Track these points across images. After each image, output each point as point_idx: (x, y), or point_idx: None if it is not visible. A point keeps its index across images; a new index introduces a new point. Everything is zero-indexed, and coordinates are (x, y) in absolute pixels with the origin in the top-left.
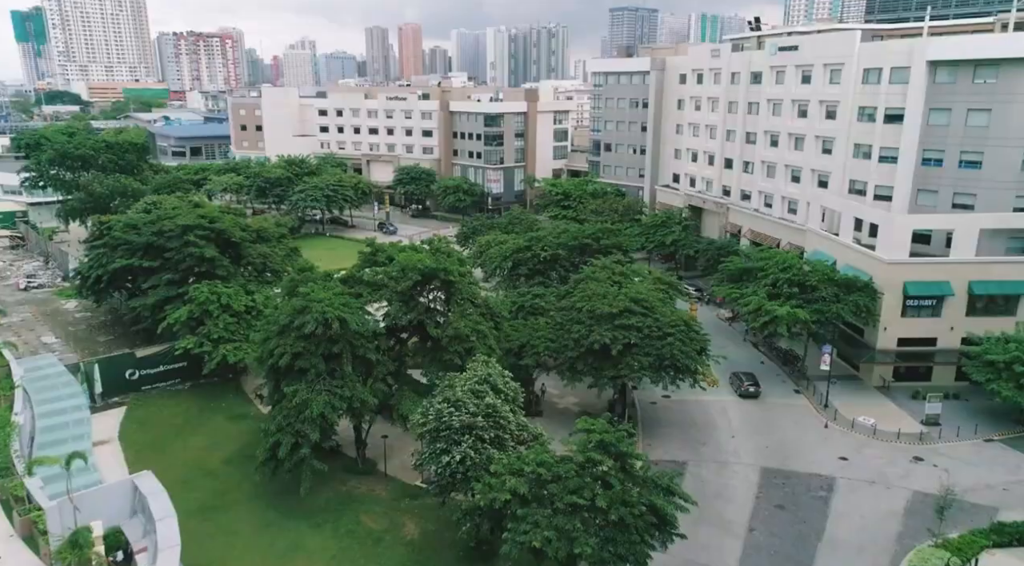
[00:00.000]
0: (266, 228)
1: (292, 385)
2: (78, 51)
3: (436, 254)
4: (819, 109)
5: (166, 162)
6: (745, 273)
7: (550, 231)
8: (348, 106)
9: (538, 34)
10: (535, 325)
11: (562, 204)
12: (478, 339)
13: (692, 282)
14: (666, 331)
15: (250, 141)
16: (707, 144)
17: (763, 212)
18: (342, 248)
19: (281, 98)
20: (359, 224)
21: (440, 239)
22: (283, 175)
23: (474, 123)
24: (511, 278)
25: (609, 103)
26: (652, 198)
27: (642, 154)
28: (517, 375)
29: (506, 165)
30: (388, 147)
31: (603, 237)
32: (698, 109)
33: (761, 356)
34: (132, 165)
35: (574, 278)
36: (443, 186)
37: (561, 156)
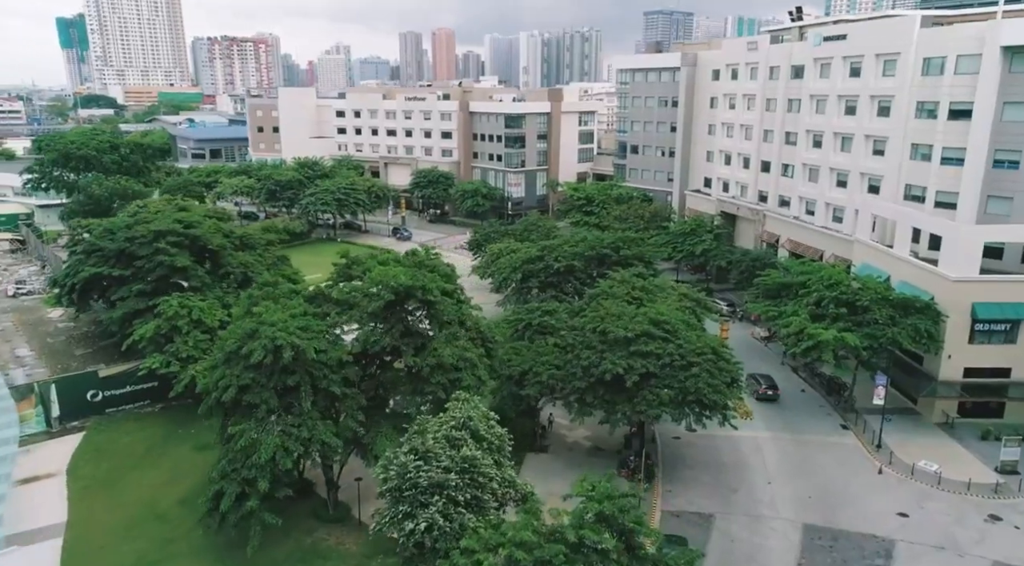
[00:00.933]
0: (250, 234)
1: (239, 424)
2: (115, 56)
3: (418, 268)
4: (870, 105)
5: (185, 164)
6: (784, 288)
7: (567, 239)
8: (366, 107)
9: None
10: (540, 348)
11: (584, 210)
12: (466, 369)
13: (724, 296)
14: (690, 360)
15: (267, 143)
16: (742, 145)
17: (804, 220)
18: None
19: (298, 99)
20: (373, 229)
21: (428, 250)
22: (294, 178)
23: (494, 124)
24: (521, 291)
25: (636, 102)
26: (681, 204)
27: (671, 157)
28: (518, 405)
29: (528, 168)
30: (406, 149)
31: (623, 247)
32: (732, 107)
33: (801, 383)
34: (138, 166)
35: (589, 293)
36: (461, 190)
37: (586, 159)
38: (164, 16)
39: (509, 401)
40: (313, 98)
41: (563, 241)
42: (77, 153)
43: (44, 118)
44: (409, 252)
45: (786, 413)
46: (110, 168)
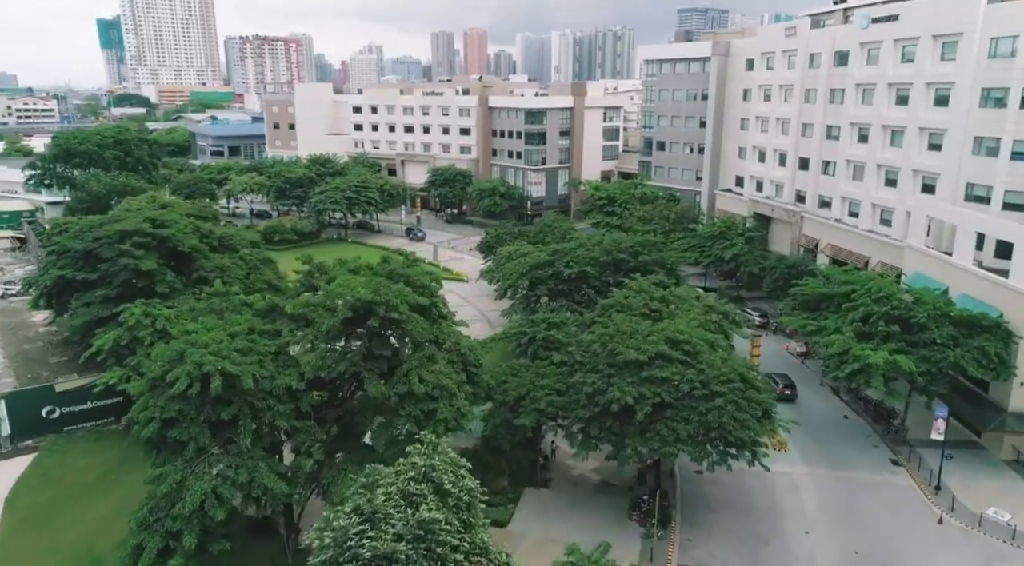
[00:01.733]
0: (231, 235)
1: (164, 464)
2: (149, 56)
3: (389, 278)
4: (925, 93)
5: (204, 161)
6: (824, 300)
7: (582, 243)
8: (383, 102)
9: (604, 37)
10: (541, 368)
11: (605, 210)
12: (442, 399)
13: (756, 305)
14: (714, 389)
15: (283, 140)
16: (778, 141)
17: (847, 223)
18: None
19: (315, 95)
20: (387, 229)
21: (407, 256)
22: (305, 175)
23: (514, 120)
24: (528, 299)
25: (663, 95)
26: (710, 205)
27: (700, 153)
28: (512, 436)
29: (548, 166)
30: (424, 146)
31: (642, 251)
32: (768, 99)
33: (843, 407)
34: (142, 162)
35: (601, 304)
36: (478, 189)
37: (611, 157)
38: (197, 16)
39: (503, 430)
40: (330, 94)
41: (577, 244)
42: (79, 148)
43: (76, 117)
44: (383, 259)
45: (826, 443)
46: (112, 164)
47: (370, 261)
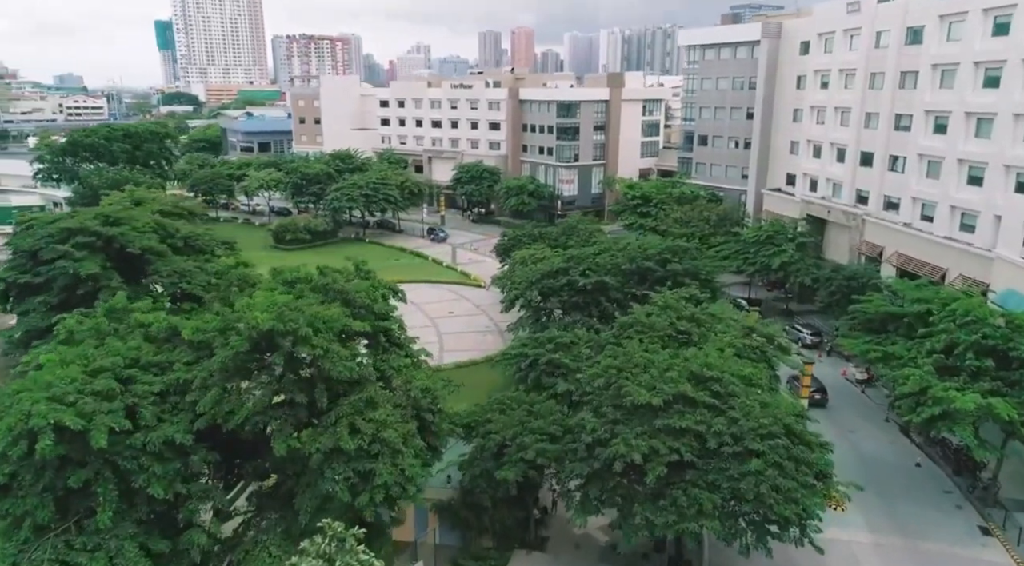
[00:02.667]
0: (198, 235)
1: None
2: (198, 55)
3: (324, 294)
4: (1022, 72)
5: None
6: (892, 320)
7: (607, 247)
8: (410, 96)
9: (653, 34)
10: (536, 404)
11: (639, 211)
12: (383, 457)
13: (808, 321)
14: (751, 446)
15: (309, 135)
16: (836, 133)
17: (919, 228)
18: (374, 258)
19: (341, 88)
20: (408, 229)
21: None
22: (322, 171)
23: (546, 114)
24: (538, 313)
25: (706, 85)
26: (757, 205)
27: (746, 149)
28: (495, 491)
29: (581, 164)
30: (451, 142)
31: (672, 259)
32: (825, 86)
33: (915, 451)
34: (153, 157)
35: (620, 321)
36: (505, 187)
37: (651, 153)
38: (245, 15)
39: (483, 482)
40: (357, 87)
41: (598, 250)
42: (85, 141)
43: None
44: (321, 268)
45: (894, 501)
46: (120, 158)
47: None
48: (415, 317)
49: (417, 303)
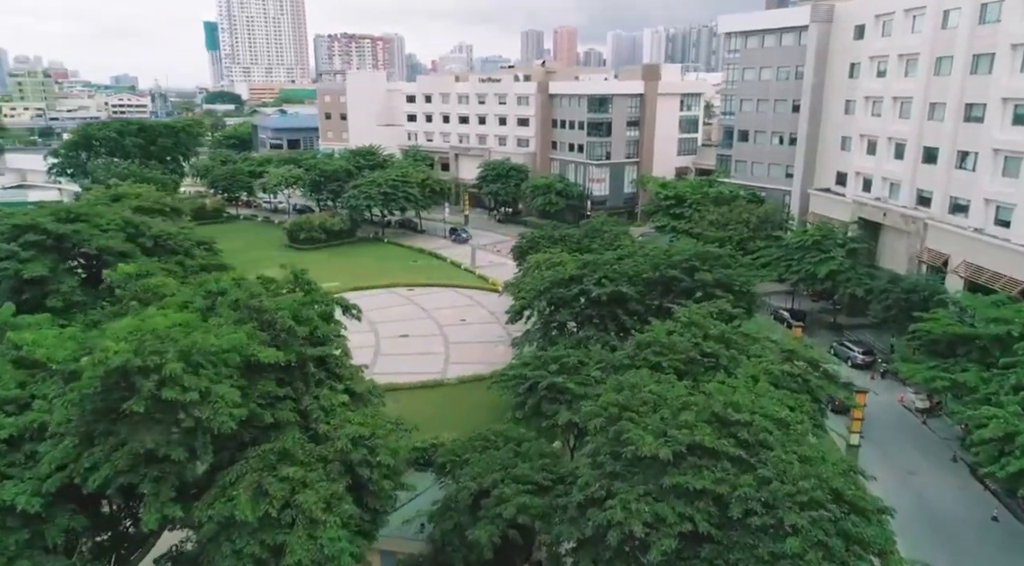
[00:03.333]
0: (171, 234)
1: None
2: (242, 55)
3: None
4: None
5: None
6: (962, 342)
7: (631, 251)
8: (437, 91)
9: (698, 33)
10: (525, 442)
11: (672, 212)
12: (297, 529)
13: (859, 336)
14: (785, 518)
15: (335, 132)
16: (895, 126)
17: (992, 234)
18: (389, 259)
19: (367, 83)
20: (430, 229)
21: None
22: (341, 168)
23: (576, 108)
24: (547, 326)
25: (748, 75)
26: (803, 207)
27: (791, 145)
28: (467, 553)
29: (613, 161)
30: (479, 139)
31: (701, 267)
32: (882, 74)
33: (990, 500)
34: (167, 152)
35: (635, 341)
36: (532, 185)
37: (688, 151)
38: (288, 15)
39: (456, 539)
40: (383, 82)
41: (621, 254)
42: (97, 135)
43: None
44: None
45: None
46: (132, 152)
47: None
48: (424, 324)
49: (428, 309)
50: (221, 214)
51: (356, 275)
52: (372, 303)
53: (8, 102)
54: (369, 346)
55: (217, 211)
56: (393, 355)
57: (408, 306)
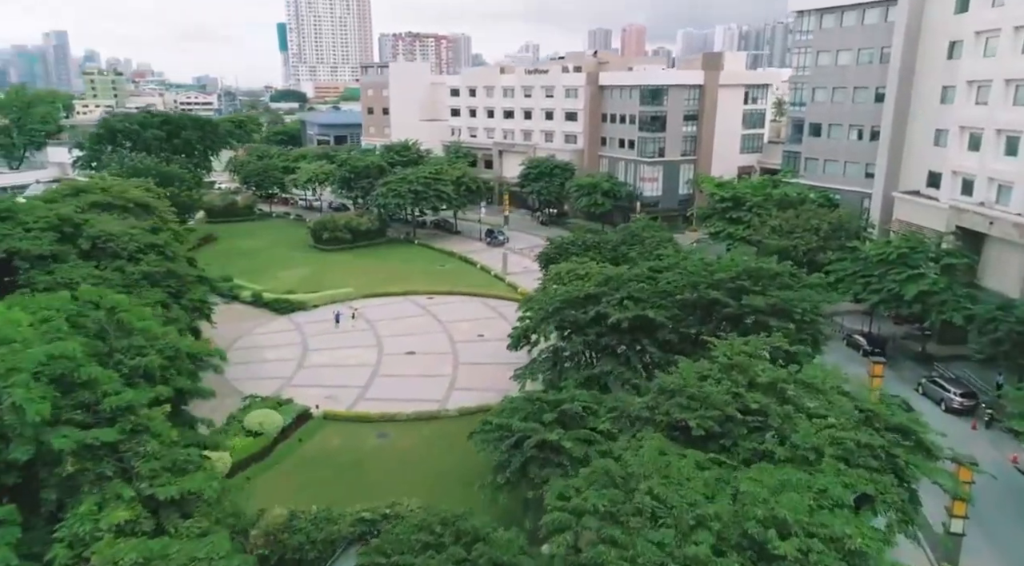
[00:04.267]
0: (115, 235)
1: None
2: (309, 54)
3: None
4: None
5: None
6: None
7: (670, 263)
8: (482, 84)
9: (772, 30)
10: (480, 538)
11: (729, 216)
12: None
13: (954, 372)
14: None
15: (377, 127)
16: (1006, 116)
17: None
18: (418, 263)
19: (410, 75)
20: (466, 230)
21: (114, 307)
22: (373, 164)
23: (627, 101)
24: (557, 355)
25: (823, 60)
26: (885, 212)
27: (872, 140)
28: None
29: (667, 159)
30: (524, 134)
31: (751, 287)
32: (992, 54)
33: None
34: (193, 145)
35: (656, 384)
36: (576, 185)
37: (753, 149)
38: (354, 15)
39: None
40: (427, 75)
41: (655, 267)
42: (119, 127)
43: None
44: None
45: None
46: (153, 145)
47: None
48: (435, 340)
49: (444, 321)
50: (253, 211)
51: (376, 279)
52: (384, 313)
53: (80, 100)
54: (368, 365)
55: (248, 208)
56: (393, 377)
57: (422, 317)
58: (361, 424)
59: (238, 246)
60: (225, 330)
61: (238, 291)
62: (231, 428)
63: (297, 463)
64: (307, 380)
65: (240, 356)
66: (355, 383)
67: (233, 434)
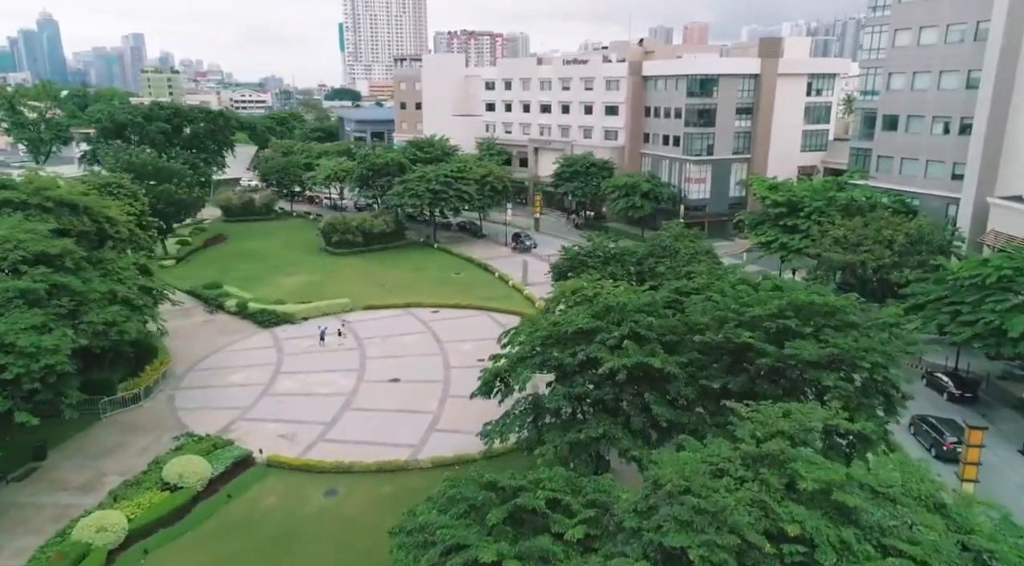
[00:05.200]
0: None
1: None
2: (365, 52)
3: None
4: None
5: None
6: None
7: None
8: (518, 76)
9: (843, 26)
10: None
11: (782, 223)
12: None
13: None
14: None
15: (409, 123)
16: None
17: None
18: (430, 269)
19: (444, 68)
20: (493, 233)
21: None
22: (392, 160)
23: (673, 93)
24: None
25: (901, 39)
26: (977, 223)
27: (962, 134)
28: None
29: (717, 157)
30: (561, 130)
31: (799, 324)
32: None
33: None
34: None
35: (651, 477)
36: (612, 185)
37: (816, 146)
38: (410, 13)
39: None
40: (461, 67)
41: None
42: (123, 120)
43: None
44: None
45: None
46: (157, 139)
47: None
48: (428, 364)
49: (444, 340)
50: (272, 210)
51: (381, 288)
52: (377, 329)
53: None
54: (341, 394)
55: (267, 207)
56: (365, 411)
57: (419, 335)
58: (309, 475)
59: (247, 247)
60: (195, 347)
61: (223, 300)
62: (148, 478)
63: (214, 531)
64: (266, 412)
65: (200, 379)
66: (320, 418)
67: (147, 487)
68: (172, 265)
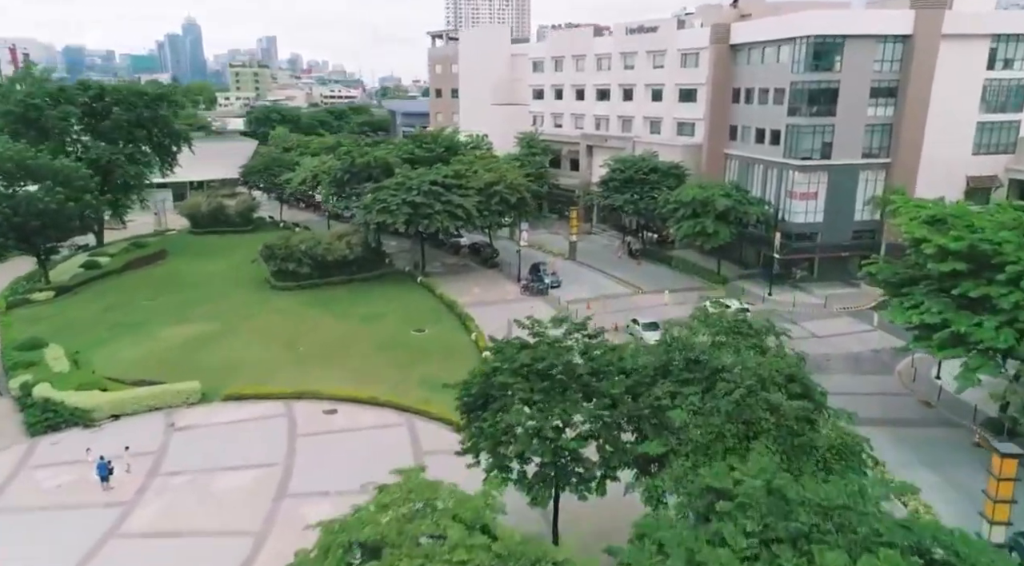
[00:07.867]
0: None
1: None
2: None
3: None
4: None
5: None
6: None
7: None
8: (570, 52)
9: None
10: None
11: (946, 286)
12: None
13: None
14: None
15: (445, 113)
16: None
17: None
18: (388, 319)
19: (485, 45)
20: (510, 262)
21: None
22: (377, 159)
23: (773, 68)
24: None
25: None
26: None
27: None
28: None
29: (836, 162)
30: (622, 123)
31: None
32: None
33: None
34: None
35: None
36: (674, 201)
37: (999, 147)
38: (513, 7)
39: None
40: (506, 43)
41: None
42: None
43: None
44: None
45: None
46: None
47: None
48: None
49: (294, 491)
50: (248, 220)
51: (293, 353)
52: (207, 449)
53: (224, 92)
54: None
55: (244, 216)
56: None
57: (261, 471)
58: None
59: (180, 272)
60: None
61: (12, 375)
62: None
63: None
64: None
65: None
66: None
67: None
68: (46, 299)
